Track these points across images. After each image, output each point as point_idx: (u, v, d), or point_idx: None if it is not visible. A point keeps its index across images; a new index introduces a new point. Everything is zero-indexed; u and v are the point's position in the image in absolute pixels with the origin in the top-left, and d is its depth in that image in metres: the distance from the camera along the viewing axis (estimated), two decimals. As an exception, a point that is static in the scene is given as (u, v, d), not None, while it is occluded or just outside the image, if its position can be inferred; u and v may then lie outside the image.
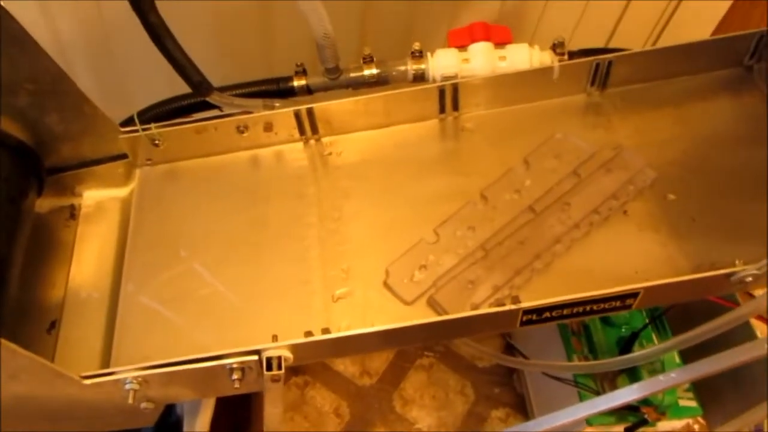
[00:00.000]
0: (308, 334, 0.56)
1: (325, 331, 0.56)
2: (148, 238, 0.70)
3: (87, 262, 0.72)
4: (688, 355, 0.85)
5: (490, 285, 0.61)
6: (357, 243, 0.67)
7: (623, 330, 0.98)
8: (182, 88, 0.72)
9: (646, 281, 0.59)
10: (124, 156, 0.74)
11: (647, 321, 0.95)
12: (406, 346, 1.15)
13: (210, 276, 0.67)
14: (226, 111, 0.74)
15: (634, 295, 0.56)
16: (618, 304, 0.57)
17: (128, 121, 0.73)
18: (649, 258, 0.62)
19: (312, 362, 1.19)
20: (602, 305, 0.57)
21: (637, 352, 0.77)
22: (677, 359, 0.93)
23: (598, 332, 0.99)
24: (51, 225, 0.74)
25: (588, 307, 0.57)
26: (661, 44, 1.07)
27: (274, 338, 0.57)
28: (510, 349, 1.12)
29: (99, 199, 0.76)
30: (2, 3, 0.95)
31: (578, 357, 1.00)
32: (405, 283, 0.63)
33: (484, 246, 0.64)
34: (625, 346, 0.96)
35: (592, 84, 0.73)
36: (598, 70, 0.71)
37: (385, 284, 0.63)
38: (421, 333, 0.57)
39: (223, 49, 1.11)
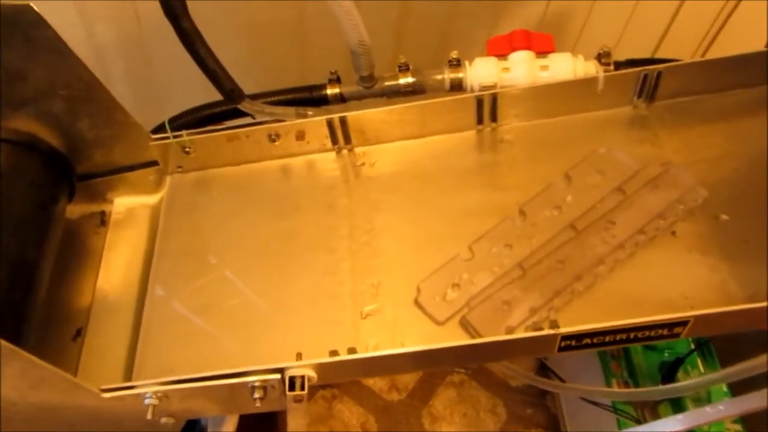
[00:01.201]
0: (334, 353, 0.53)
1: (352, 350, 0.54)
2: (177, 246, 0.69)
3: (115, 270, 0.71)
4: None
5: (527, 307, 0.58)
6: (388, 257, 0.64)
7: (666, 355, 0.93)
8: (218, 94, 0.71)
9: (696, 308, 0.56)
10: (154, 163, 0.73)
11: (692, 347, 0.90)
12: (435, 368, 1.12)
13: (238, 287, 0.65)
14: (258, 119, 0.72)
15: (683, 323, 0.52)
16: (665, 332, 0.53)
17: (160, 128, 0.72)
18: (698, 283, 0.58)
19: (337, 381, 1.16)
20: (648, 333, 0.53)
21: (683, 383, 0.73)
22: (724, 387, 0.88)
23: (639, 356, 0.94)
24: (81, 231, 0.74)
25: (632, 335, 0.53)
26: (710, 55, 1.03)
27: (299, 356, 0.55)
28: (544, 369, 1.08)
29: (129, 205, 0.75)
30: (38, 9, 0.96)
31: (617, 381, 0.96)
32: (437, 302, 0.60)
33: (521, 265, 0.61)
34: (668, 372, 0.91)
35: (639, 96, 0.69)
36: (646, 81, 0.67)
37: (416, 302, 0.60)
38: (452, 356, 0.54)
39: (257, 56, 1.10)
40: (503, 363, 0.83)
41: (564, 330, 0.51)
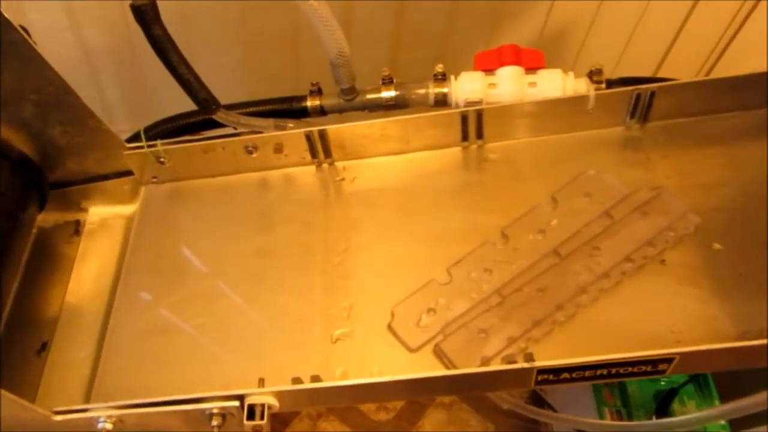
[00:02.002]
0: (297, 380, 0.51)
1: (315, 378, 0.51)
2: (145, 262, 0.66)
3: (85, 282, 0.69)
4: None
5: (505, 336, 0.55)
6: (363, 279, 0.61)
7: (662, 383, 0.90)
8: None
9: (684, 343, 0.52)
10: (129, 173, 0.71)
11: (688, 377, 0.87)
12: (404, 399, 1.08)
13: (206, 306, 0.63)
14: (239, 130, 0.70)
15: (668, 360, 0.49)
16: (649, 368, 0.49)
17: (135, 137, 0.70)
18: (687, 316, 0.54)
19: (301, 410, 1.13)
20: (630, 369, 0.50)
21: (678, 418, 0.69)
22: (721, 420, 0.84)
23: (633, 385, 0.91)
24: (54, 241, 0.72)
25: (613, 370, 0.50)
26: (715, 75, 0.99)
27: (261, 382, 0.52)
28: (536, 395, 1.05)
29: (104, 215, 0.73)
30: (27, 12, 0.94)
31: (609, 410, 0.92)
32: (410, 328, 0.57)
33: (500, 291, 0.57)
34: (663, 402, 0.88)
35: (632, 116, 0.66)
36: (639, 101, 0.64)
37: (389, 327, 0.58)
38: (421, 387, 0.51)
39: (252, 65, 1.08)
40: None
41: (539, 364, 0.48)
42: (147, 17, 0.57)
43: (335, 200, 0.68)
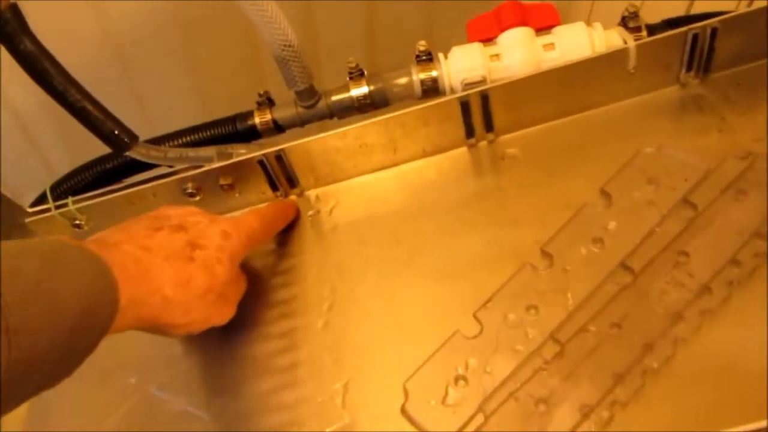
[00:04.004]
0: None
1: None
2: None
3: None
4: None
5: (576, 404, 0.37)
6: (357, 345, 0.44)
7: None
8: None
9: None
10: (42, 245, 0.54)
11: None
12: None
13: (166, 407, 0.46)
14: (176, 167, 0.54)
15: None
16: (814, 430, 0.32)
17: (43, 198, 0.54)
18: None
19: None
20: (784, 435, 0.32)
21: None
22: None
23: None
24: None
25: (759, 441, 0.32)
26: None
27: None
28: None
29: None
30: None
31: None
32: (434, 408, 0.39)
33: (556, 336, 0.40)
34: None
35: (689, 69, 0.49)
36: (696, 45, 0.47)
37: (403, 411, 0.40)
38: None
39: (209, 100, 0.94)
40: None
41: (645, 452, 0.30)
42: (8, 29, 0.41)
43: (312, 242, 0.51)
